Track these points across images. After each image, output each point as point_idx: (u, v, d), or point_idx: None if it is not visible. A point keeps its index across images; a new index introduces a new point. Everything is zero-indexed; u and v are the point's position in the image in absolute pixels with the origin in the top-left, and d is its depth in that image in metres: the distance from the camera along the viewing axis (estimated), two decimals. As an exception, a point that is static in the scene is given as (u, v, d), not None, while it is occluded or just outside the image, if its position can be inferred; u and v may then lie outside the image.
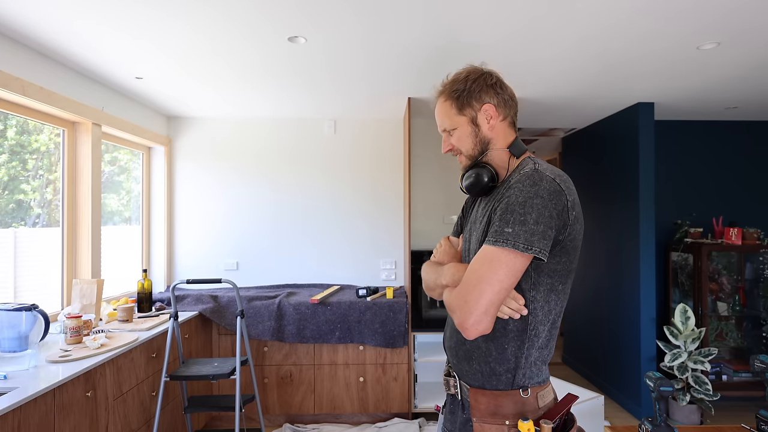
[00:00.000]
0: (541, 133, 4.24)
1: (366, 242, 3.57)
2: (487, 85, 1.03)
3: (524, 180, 0.92)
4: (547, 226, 0.88)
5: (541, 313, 0.96)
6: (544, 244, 0.88)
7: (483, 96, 1.03)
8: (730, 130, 3.71)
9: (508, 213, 0.90)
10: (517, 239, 0.87)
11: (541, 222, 0.88)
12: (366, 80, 2.66)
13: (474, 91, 1.03)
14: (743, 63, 2.36)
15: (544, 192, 0.89)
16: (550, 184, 0.91)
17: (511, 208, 0.90)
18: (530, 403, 0.97)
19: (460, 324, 0.89)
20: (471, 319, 0.87)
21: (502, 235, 0.88)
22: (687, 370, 2.95)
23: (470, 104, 1.03)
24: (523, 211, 0.88)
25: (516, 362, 0.96)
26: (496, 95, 1.03)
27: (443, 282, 1.02)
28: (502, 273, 0.87)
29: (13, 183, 2.27)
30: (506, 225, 0.89)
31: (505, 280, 0.87)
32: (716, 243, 3.34)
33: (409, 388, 3.02)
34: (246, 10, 1.78)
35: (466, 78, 1.04)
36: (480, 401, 0.98)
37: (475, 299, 0.87)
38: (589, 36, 2.02)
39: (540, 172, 0.93)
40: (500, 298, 0.88)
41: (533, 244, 0.87)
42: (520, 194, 0.90)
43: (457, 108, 1.04)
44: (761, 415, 1.32)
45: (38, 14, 1.79)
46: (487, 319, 0.88)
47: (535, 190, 0.90)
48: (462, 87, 1.03)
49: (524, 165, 0.99)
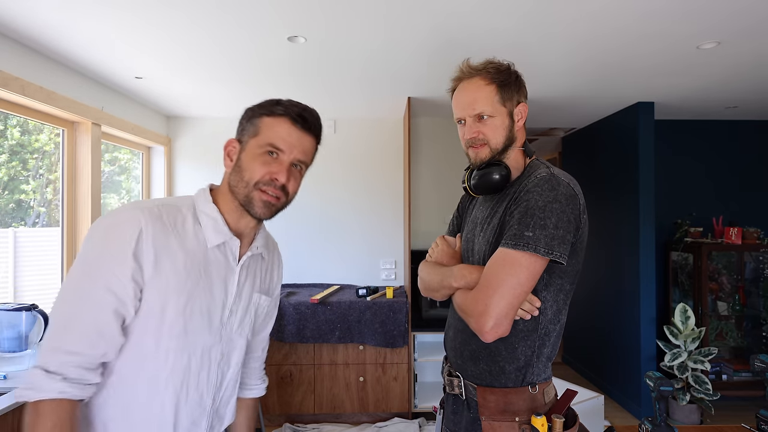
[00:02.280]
0: (541, 132, 4.24)
1: (366, 242, 3.57)
2: (523, 84, 1.04)
3: (542, 184, 0.92)
4: (566, 230, 0.89)
5: (551, 313, 0.96)
6: (564, 249, 0.89)
7: (521, 93, 1.03)
8: (730, 129, 3.71)
9: (527, 216, 0.89)
10: (537, 243, 0.87)
11: (561, 226, 0.89)
12: (366, 80, 2.66)
13: (518, 87, 1.02)
14: (743, 62, 2.36)
15: (562, 197, 0.90)
16: (566, 188, 0.92)
17: (530, 212, 0.90)
18: (538, 399, 0.97)
19: (479, 328, 0.88)
20: (491, 323, 0.87)
21: (523, 238, 0.88)
22: (687, 369, 2.95)
23: (512, 98, 1.01)
24: (543, 215, 0.89)
25: (526, 361, 0.96)
26: (526, 97, 1.04)
27: (455, 284, 0.98)
28: (523, 276, 0.87)
29: (13, 183, 2.27)
30: (526, 228, 0.88)
31: (526, 283, 0.88)
32: (716, 242, 3.34)
33: (409, 387, 3.02)
34: (246, 9, 1.78)
35: (508, 70, 1.02)
36: (489, 399, 0.97)
37: (496, 303, 0.87)
38: (589, 36, 2.02)
39: (556, 176, 0.93)
40: (520, 301, 0.89)
41: (554, 248, 0.88)
42: (540, 198, 0.90)
43: (501, 97, 0.99)
44: (761, 414, 1.32)
45: (38, 14, 1.79)
46: (506, 322, 0.88)
47: (554, 195, 0.90)
48: (508, 79, 1.01)
49: (535, 167, 0.99)
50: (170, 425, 0.83)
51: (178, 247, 0.82)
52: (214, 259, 0.87)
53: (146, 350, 0.80)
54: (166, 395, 0.82)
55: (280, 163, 0.87)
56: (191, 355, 0.84)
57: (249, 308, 0.96)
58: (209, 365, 0.88)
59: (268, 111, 0.89)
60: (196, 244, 0.85)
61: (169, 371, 0.82)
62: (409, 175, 3.15)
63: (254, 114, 0.89)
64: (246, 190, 0.87)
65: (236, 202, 0.89)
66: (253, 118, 0.89)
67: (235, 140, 0.91)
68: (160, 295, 0.80)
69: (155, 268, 0.79)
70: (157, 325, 0.80)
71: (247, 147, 0.88)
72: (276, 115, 0.88)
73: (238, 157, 0.89)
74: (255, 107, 0.90)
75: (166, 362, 0.82)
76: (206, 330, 0.86)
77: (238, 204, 0.89)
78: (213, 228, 0.87)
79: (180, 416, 0.84)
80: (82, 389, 0.75)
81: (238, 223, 0.91)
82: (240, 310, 0.93)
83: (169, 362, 0.82)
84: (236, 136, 0.91)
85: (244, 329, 0.96)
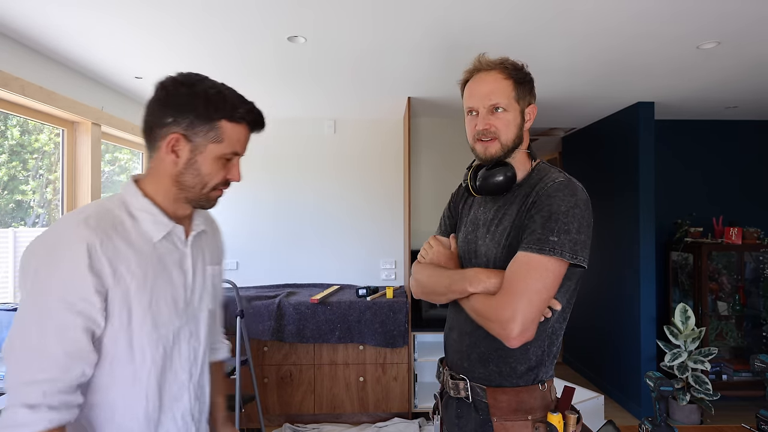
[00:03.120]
0: (541, 132, 4.24)
1: (366, 242, 3.57)
2: (534, 86, 1.05)
3: (563, 189, 0.93)
4: (587, 235, 0.92)
5: (558, 312, 0.98)
6: (586, 253, 0.91)
7: (533, 95, 1.04)
8: (730, 129, 3.71)
9: (552, 221, 0.90)
10: (563, 248, 0.88)
11: (582, 231, 0.91)
12: (366, 80, 2.66)
13: (530, 87, 1.03)
14: (743, 62, 2.36)
15: (581, 202, 0.92)
16: (583, 193, 0.94)
17: (555, 216, 0.90)
18: (548, 396, 0.98)
19: (506, 334, 0.87)
20: (518, 329, 0.87)
21: (548, 243, 0.88)
22: (687, 369, 2.95)
23: (525, 97, 1.02)
24: (567, 220, 0.90)
25: (537, 361, 0.97)
26: (535, 99, 1.05)
27: (470, 289, 0.95)
28: (549, 281, 0.88)
29: (13, 183, 2.27)
30: (551, 233, 0.89)
31: (552, 288, 0.89)
32: (716, 242, 3.34)
33: (409, 387, 3.02)
34: (246, 9, 1.78)
35: (524, 69, 1.03)
36: (500, 399, 0.96)
37: (523, 308, 0.87)
38: (589, 36, 2.02)
39: (573, 182, 0.96)
40: (545, 306, 0.90)
41: (578, 253, 0.89)
42: (563, 203, 0.91)
43: (517, 93, 1.00)
44: (761, 414, 1.32)
45: (38, 14, 1.79)
46: (533, 327, 0.89)
47: (574, 200, 0.92)
48: (524, 77, 1.01)
49: (545, 171, 1.00)
50: (155, 409, 0.86)
51: (126, 249, 0.82)
52: (163, 249, 0.88)
53: (120, 355, 0.82)
54: (149, 386, 0.85)
55: (236, 165, 0.92)
56: (164, 344, 0.87)
57: (206, 282, 0.98)
58: (180, 346, 0.91)
59: (228, 115, 0.87)
60: (141, 241, 0.85)
61: (149, 365, 0.84)
62: (409, 176, 3.15)
63: (210, 116, 0.85)
64: (204, 190, 0.89)
65: (180, 195, 0.89)
66: (212, 120, 0.85)
67: (180, 136, 0.85)
68: (124, 300, 0.81)
69: (114, 277, 0.79)
70: (126, 328, 0.82)
71: (206, 150, 0.86)
72: (236, 121, 0.88)
73: (191, 158, 0.86)
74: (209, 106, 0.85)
75: (144, 359, 0.84)
76: (174, 316, 0.89)
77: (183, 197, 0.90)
78: (152, 221, 0.87)
79: (163, 398, 0.88)
80: (69, 412, 0.76)
81: (177, 211, 0.92)
82: (198, 287, 0.96)
83: (146, 359, 0.84)
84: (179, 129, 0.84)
85: (206, 303, 0.98)
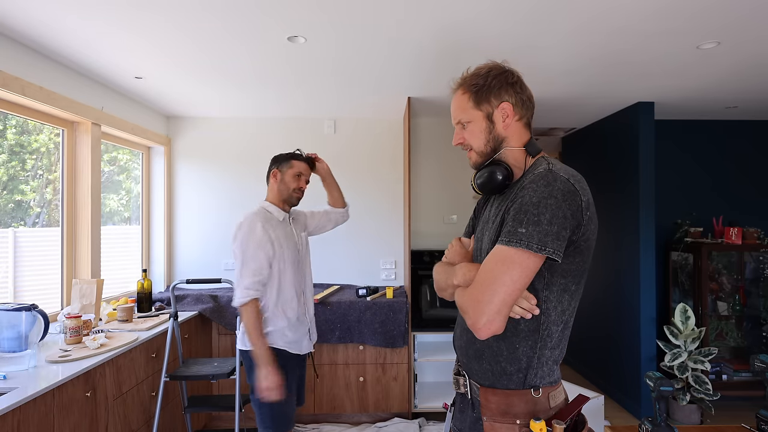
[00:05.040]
0: (541, 132, 4.24)
1: (366, 242, 3.57)
2: (507, 83, 1.02)
3: (538, 180, 0.91)
4: (561, 226, 0.88)
5: (554, 314, 0.95)
6: (558, 245, 0.87)
7: (502, 93, 1.01)
8: (730, 129, 3.71)
9: (521, 213, 0.89)
10: (530, 239, 0.86)
11: (555, 222, 0.87)
12: (366, 80, 2.66)
13: (493, 88, 1.01)
14: (743, 62, 2.36)
15: (558, 192, 0.89)
16: (564, 184, 0.90)
17: (524, 208, 0.89)
18: (541, 402, 0.96)
19: (473, 324, 0.89)
20: (483, 319, 0.87)
21: (516, 235, 0.88)
22: (687, 369, 2.95)
23: (488, 100, 1.01)
24: (537, 211, 0.88)
25: (527, 362, 0.96)
26: (515, 94, 1.02)
27: (454, 282, 1.01)
28: (515, 273, 0.87)
29: (12, 183, 2.27)
30: (519, 225, 0.88)
31: (519, 280, 0.87)
32: (716, 243, 3.34)
33: (409, 388, 3.02)
34: (246, 9, 1.78)
35: (487, 74, 1.03)
36: (490, 400, 0.97)
37: (488, 299, 0.87)
38: (589, 36, 2.02)
39: (554, 172, 0.92)
40: (513, 298, 0.88)
41: (547, 245, 0.86)
42: (534, 194, 0.89)
43: (474, 102, 1.02)
44: (761, 414, 1.32)
45: (38, 14, 1.79)
46: (499, 319, 0.88)
47: (549, 191, 0.89)
48: (482, 82, 1.02)
49: (538, 165, 0.98)
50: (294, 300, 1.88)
51: (274, 225, 1.86)
52: (285, 226, 1.92)
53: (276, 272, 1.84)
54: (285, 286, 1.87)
55: (302, 180, 1.96)
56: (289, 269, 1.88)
57: (301, 236, 2.01)
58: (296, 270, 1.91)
59: (295, 157, 1.96)
60: (276, 222, 1.88)
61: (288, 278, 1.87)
62: (409, 176, 3.15)
63: (286, 159, 1.94)
64: (288, 192, 1.93)
65: (282, 199, 1.94)
66: (286, 161, 1.94)
67: (276, 170, 1.93)
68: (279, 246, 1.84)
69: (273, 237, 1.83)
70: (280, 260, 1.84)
71: (286, 174, 1.92)
72: (298, 160, 1.96)
73: (281, 179, 1.92)
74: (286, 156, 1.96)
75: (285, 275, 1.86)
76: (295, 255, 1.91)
77: (283, 199, 1.94)
78: (277, 212, 1.91)
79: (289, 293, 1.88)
80: (258, 292, 1.78)
81: (284, 207, 1.95)
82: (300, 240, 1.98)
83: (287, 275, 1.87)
84: (274, 168, 1.94)
85: (304, 246, 2.01)
